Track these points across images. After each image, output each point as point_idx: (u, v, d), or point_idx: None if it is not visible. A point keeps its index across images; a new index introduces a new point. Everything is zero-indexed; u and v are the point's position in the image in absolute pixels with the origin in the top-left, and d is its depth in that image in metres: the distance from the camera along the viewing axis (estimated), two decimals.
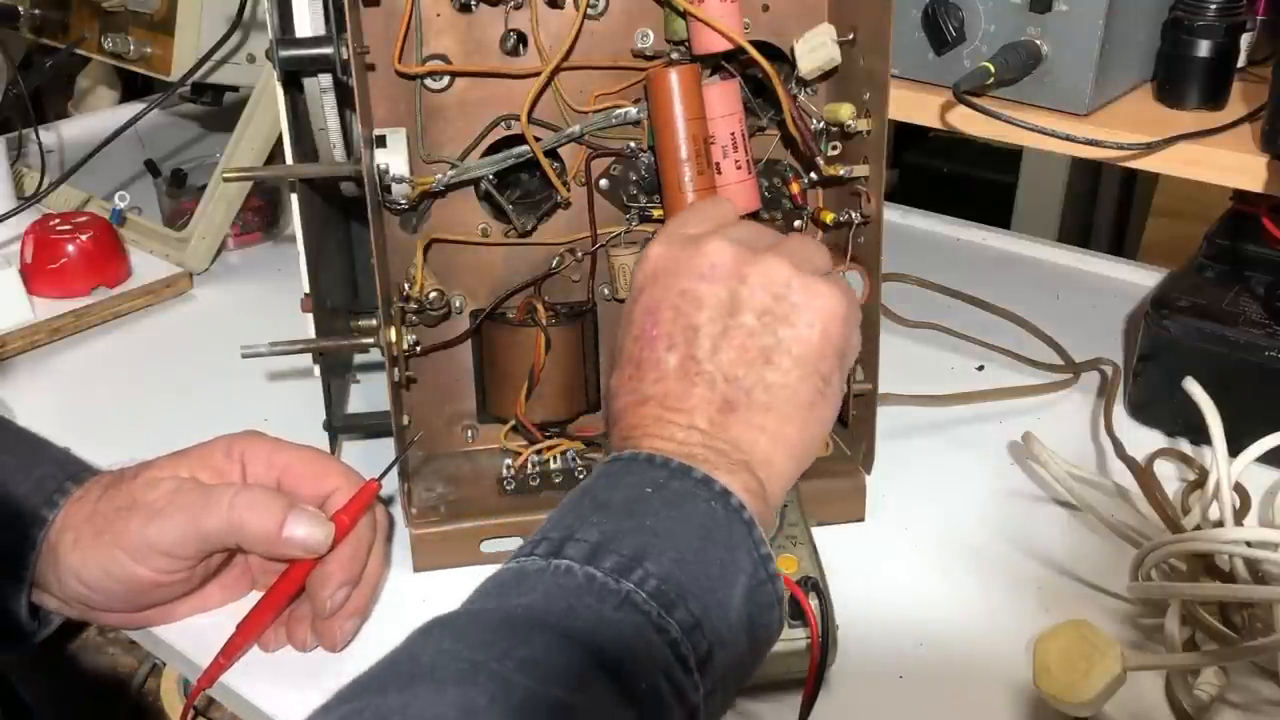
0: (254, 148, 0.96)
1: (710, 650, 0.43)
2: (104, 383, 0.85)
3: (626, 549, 0.43)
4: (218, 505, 0.56)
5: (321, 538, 0.56)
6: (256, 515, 0.55)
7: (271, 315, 0.79)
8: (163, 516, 0.55)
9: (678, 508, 0.45)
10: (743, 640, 0.45)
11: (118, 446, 0.76)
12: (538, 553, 0.44)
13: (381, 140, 0.63)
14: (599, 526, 0.44)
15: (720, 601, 0.44)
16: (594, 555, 0.43)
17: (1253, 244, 0.77)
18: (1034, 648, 0.53)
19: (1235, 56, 0.71)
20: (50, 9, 1.09)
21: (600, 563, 0.43)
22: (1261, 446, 0.62)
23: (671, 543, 0.44)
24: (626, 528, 0.44)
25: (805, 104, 0.67)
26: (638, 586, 0.42)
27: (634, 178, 0.68)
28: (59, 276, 0.91)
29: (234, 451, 0.60)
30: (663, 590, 0.42)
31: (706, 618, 0.43)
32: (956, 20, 0.72)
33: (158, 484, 0.57)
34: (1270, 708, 0.54)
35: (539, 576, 0.43)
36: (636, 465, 0.47)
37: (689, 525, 0.45)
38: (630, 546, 0.43)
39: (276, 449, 0.61)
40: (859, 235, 0.66)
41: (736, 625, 0.44)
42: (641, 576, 0.42)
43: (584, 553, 0.43)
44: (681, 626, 0.42)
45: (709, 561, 0.44)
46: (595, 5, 0.65)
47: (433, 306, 0.65)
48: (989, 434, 0.76)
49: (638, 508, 0.45)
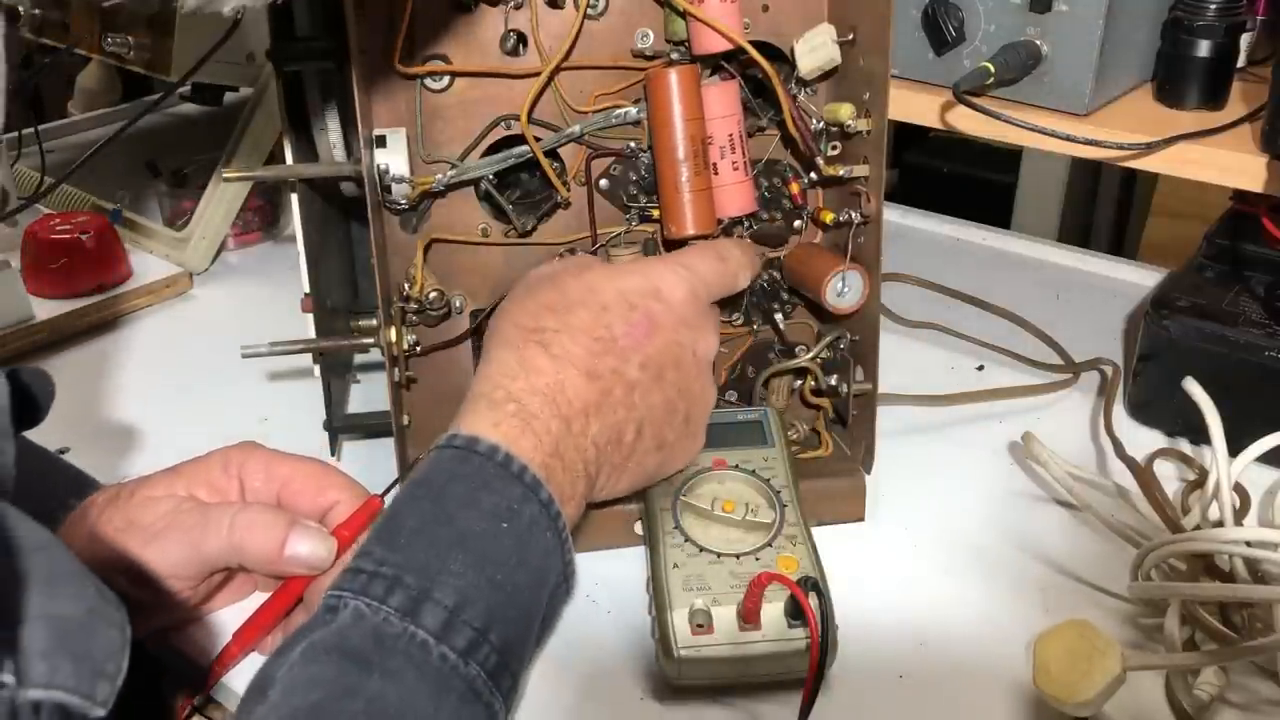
0: (254, 148, 0.96)
1: (515, 682, 0.49)
2: (104, 383, 0.85)
3: (478, 618, 0.47)
4: (217, 527, 0.55)
5: (324, 554, 0.56)
6: (257, 535, 0.55)
7: (271, 315, 0.79)
8: (161, 539, 0.55)
9: (526, 546, 0.50)
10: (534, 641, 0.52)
11: (118, 446, 0.76)
12: (392, 605, 0.46)
13: (381, 140, 0.63)
14: (456, 580, 0.47)
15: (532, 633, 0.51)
16: (448, 629, 0.46)
17: (1253, 244, 0.77)
18: (1034, 648, 0.53)
19: (1235, 56, 0.71)
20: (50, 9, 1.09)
21: (454, 641, 0.46)
22: (1261, 446, 0.62)
23: (516, 601, 0.49)
24: (479, 586, 0.48)
25: (805, 104, 0.67)
26: (481, 667, 0.47)
27: (634, 178, 0.68)
28: (59, 276, 0.91)
29: (231, 466, 0.59)
30: (500, 665, 0.47)
31: (522, 666, 0.50)
32: (956, 20, 0.72)
33: (155, 504, 0.56)
34: (1270, 708, 0.54)
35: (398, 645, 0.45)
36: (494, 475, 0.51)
37: (530, 570, 0.50)
38: (481, 615, 0.47)
39: (275, 462, 0.60)
40: (859, 235, 0.66)
41: (537, 638, 0.52)
42: (486, 654, 0.47)
43: (440, 624, 0.46)
44: (504, 693, 0.48)
45: (537, 603, 0.51)
46: (595, 5, 0.65)
47: (433, 306, 0.65)
48: (989, 434, 0.76)
49: (490, 551, 0.49)
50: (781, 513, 0.61)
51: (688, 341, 0.60)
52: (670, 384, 0.59)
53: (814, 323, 0.72)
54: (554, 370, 0.56)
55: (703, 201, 0.64)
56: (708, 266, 0.62)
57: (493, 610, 0.48)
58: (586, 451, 0.56)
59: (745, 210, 0.67)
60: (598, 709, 0.56)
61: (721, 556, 0.58)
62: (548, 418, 0.54)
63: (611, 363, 0.57)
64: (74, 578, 0.36)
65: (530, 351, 0.56)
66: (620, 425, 0.57)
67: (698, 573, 0.57)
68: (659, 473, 0.62)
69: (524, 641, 0.50)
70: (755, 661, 0.54)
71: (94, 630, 0.35)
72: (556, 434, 0.54)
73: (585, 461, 0.56)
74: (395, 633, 0.45)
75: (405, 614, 0.46)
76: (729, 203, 0.66)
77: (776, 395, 0.72)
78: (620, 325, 0.58)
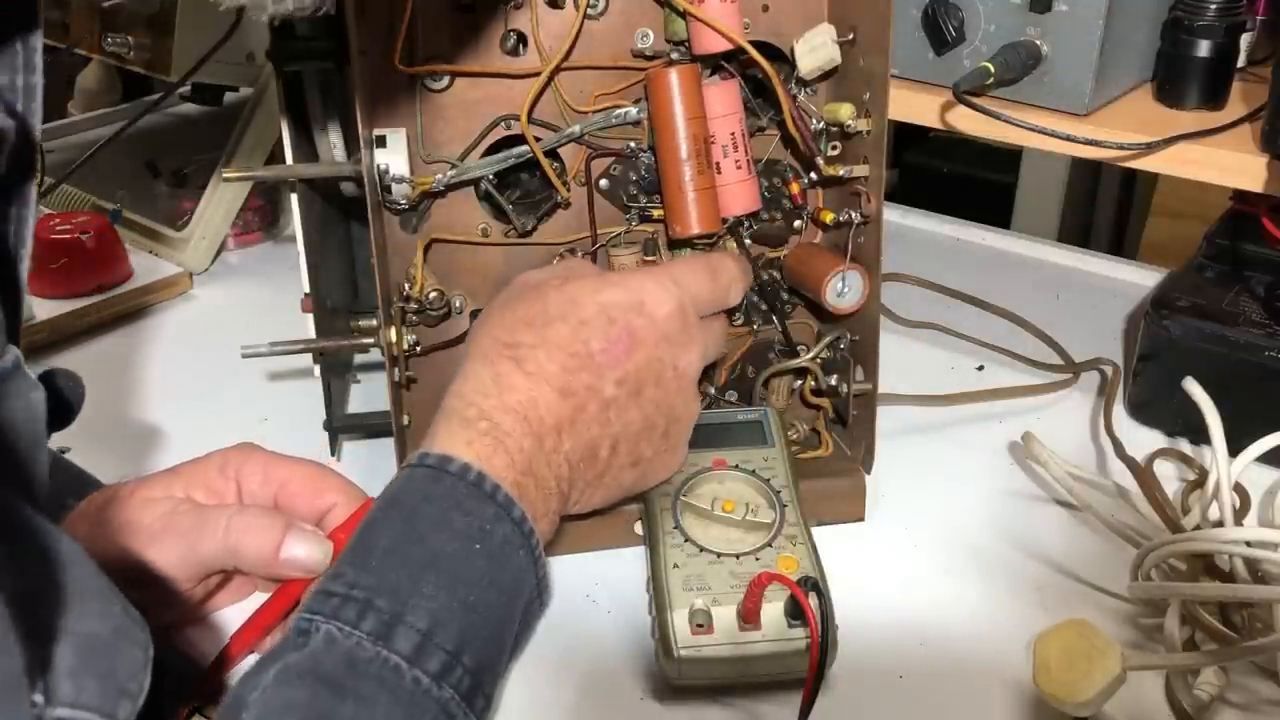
0: (254, 148, 0.95)
1: (488, 703, 0.49)
2: (104, 383, 0.85)
3: (450, 641, 0.47)
4: (214, 529, 0.55)
5: (320, 557, 0.56)
6: (253, 538, 0.55)
7: (271, 315, 0.79)
8: (159, 541, 0.55)
9: (499, 567, 0.50)
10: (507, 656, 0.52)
11: (118, 446, 0.76)
12: (364, 629, 0.46)
13: (381, 140, 0.63)
14: (429, 603, 0.47)
15: (505, 651, 0.51)
16: (421, 652, 0.46)
17: (1253, 244, 0.77)
18: (1034, 647, 0.53)
19: (1235, 56, 0.71)
20: (50, 9, 1.09)
21: (426, 664, 0.46)
22: (1261, 446, 0.62)
23: (489, 621, 0.49)
24: (452, 609, 0.48)
25: (805, 104, 0.67)
26: (455, 690, 0.46)
27: (634, 178, 0.68)
28: (59, 276, 0.91)
29: (229, 468, 0.59)
30: (473, 687, 0.47)
31: (495, 685, 0.50)
32: (956, 20, 0.72)
33: (153, 505, 0.56)
34: (1270, 708, 0.54)
35: (370, 670, 0.45)
36: (467, 494, 0.51)
37: (502, 590, 0.50)
38: (454, 638, 0.47)
39: (272, 464, 0.59)
40: (859, 235, 0.66)
41: (510, 653, 0.52)
42: (459, 676, 0.47)
43: (413, 648, 0.46)
44: (477, 714, 0.47)
45: (509, 621, 0.51)
46: (595, 5, 0.65)
47: (433, 306, 0.65)
48: (989, 434, 0.76)
49: (463, 572, 0.49)
50: (781, 513, 0.61)
51: (669, 358, 0.59)
52: (649, 400, 0.58)
53: (814, 323, 0.72)
54: (527, 387, 0.55)
55: (707, 200, 0.64)
56: (698, 281, 0.61)
57: (465, 632, 0.48)
58: (559, 468, 0.56)
59: (749, 208, 0.67)
60: (598, 709, 0.56)
61: (721, 556, 0.58)
62: (520, 435, 0.54)
63: (586, 379, 0.56)
64: (101, 594, 0.36)
65: (504, 367, 0.56)
66: (594, 442, 0.57)
67: (698, 573, 0.57)
68: (636, 487, 0.61)
69: (497, 661, 0.50)
70: (755, 661, 0.54)
71: (119, 649, 0.36)
72: (529, 451, 0.54)
73: (558, 478, 0.56)
74: (368, 657, 0.45)
75: (378, 638, 0.46)
76: (733, 201, 0.66)
77: (776, 395, 0.72)
78: (598, 341, 0.57)
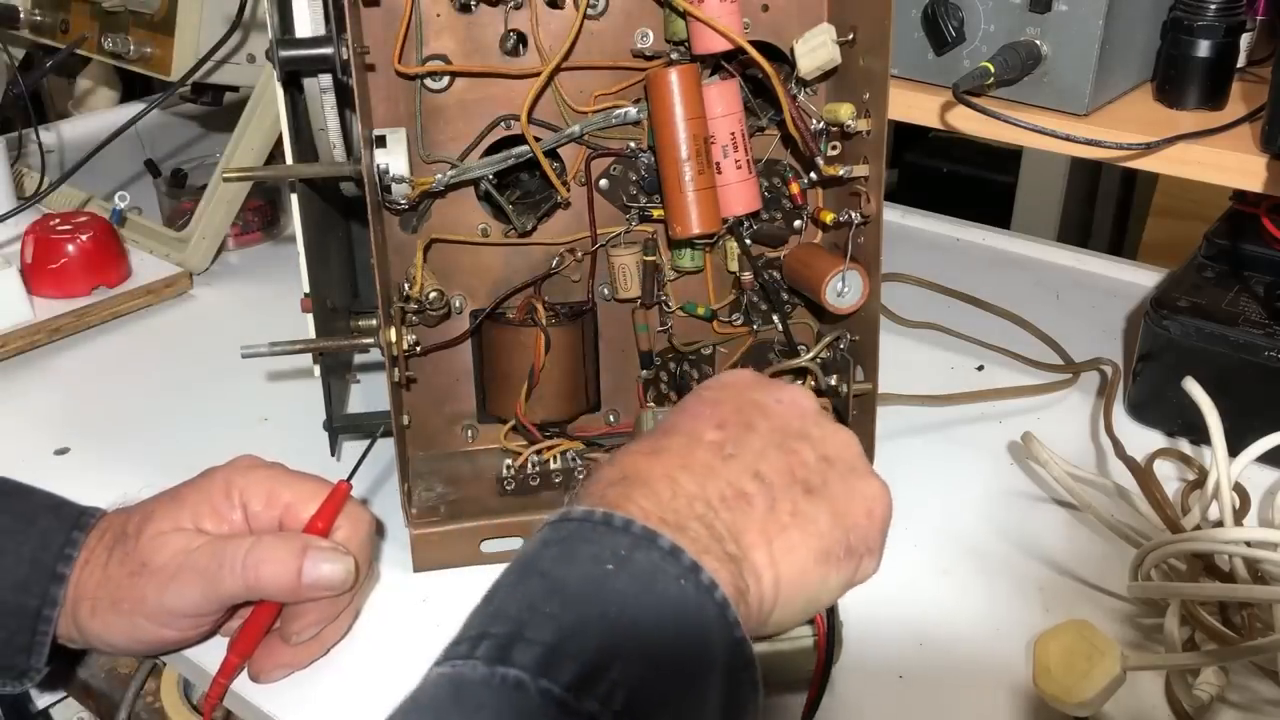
0: (254, 148, 0.96)
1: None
2: (104, 383, 0.85)
3: (588, 651, 0.36)
4: (232, 566, 0.54)
5: (343, 573, 0.55)
6: (272, 569, 0.54)
7: (271, 315, 0.79)
8: (178, 582, 0.54)
9: (646, 588, 0.39)
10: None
11: (118, 446, 0.76)
12: (478, 655, 0.36)
13: (381, 140, 0.63)
14: (553, 620, 0.37)
15: (695, 705, 0.38)
16: (549, 663, 0.36)
17: (1252, 244, 0.77)
18: (1034, 648, 0.53)
19: (1235, 56, 0.71)
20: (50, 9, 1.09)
21: (557, 674, 0.35)
22: (1261, 446, 0.62)
23: (639, 637, 0.38)
24: (587, 620, 0.38)
25: (805, 104, 0.67)
26: (604, 705, 0.35)
27: (634, 178, 0.68)
28: (59, 276, 0.91)
29: (234, 492, 0.58)
30: (633, 705, 0.36)
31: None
32: (956, 20, 0.72)
33: (165, 541, 0.55)
34: (1270, 708, 0.54)
35: (482, 693, 0.35)
36: (593, 531, 0.40)
37: (660, 611, 0.39)
38: (593, 647, 0.37)
39: (276, 487, 0.58)
40: (859, 235, 0.66)
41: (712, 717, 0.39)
42: (608, 690, 0.36)
43: (537, 659, 0.36)
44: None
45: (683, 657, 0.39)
46: (595, 5, 0.65)
47: (433, 306, 0.65)
48: (989, 434, 0.76)
49: (597, 591, 0.38)
50: None
51: (763, 397, 0.50)
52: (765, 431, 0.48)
53: (814, 323, 0.72)
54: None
55: (707, 200, 0.64)
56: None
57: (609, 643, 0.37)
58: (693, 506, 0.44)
59: (750, 208, 0.67)
60: None
61: None
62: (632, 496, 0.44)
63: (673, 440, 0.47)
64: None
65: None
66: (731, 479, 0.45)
67: None
68: (841, 524, 0.46)
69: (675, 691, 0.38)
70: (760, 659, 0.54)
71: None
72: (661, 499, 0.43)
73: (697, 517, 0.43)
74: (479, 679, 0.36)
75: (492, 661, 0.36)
76: (733, 201, 0.66)
77: None
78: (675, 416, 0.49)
